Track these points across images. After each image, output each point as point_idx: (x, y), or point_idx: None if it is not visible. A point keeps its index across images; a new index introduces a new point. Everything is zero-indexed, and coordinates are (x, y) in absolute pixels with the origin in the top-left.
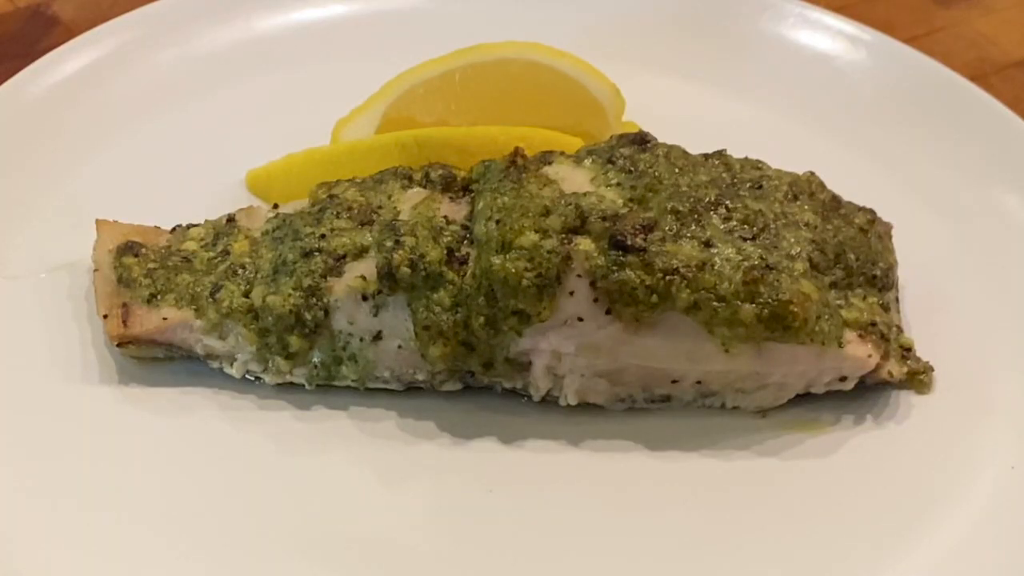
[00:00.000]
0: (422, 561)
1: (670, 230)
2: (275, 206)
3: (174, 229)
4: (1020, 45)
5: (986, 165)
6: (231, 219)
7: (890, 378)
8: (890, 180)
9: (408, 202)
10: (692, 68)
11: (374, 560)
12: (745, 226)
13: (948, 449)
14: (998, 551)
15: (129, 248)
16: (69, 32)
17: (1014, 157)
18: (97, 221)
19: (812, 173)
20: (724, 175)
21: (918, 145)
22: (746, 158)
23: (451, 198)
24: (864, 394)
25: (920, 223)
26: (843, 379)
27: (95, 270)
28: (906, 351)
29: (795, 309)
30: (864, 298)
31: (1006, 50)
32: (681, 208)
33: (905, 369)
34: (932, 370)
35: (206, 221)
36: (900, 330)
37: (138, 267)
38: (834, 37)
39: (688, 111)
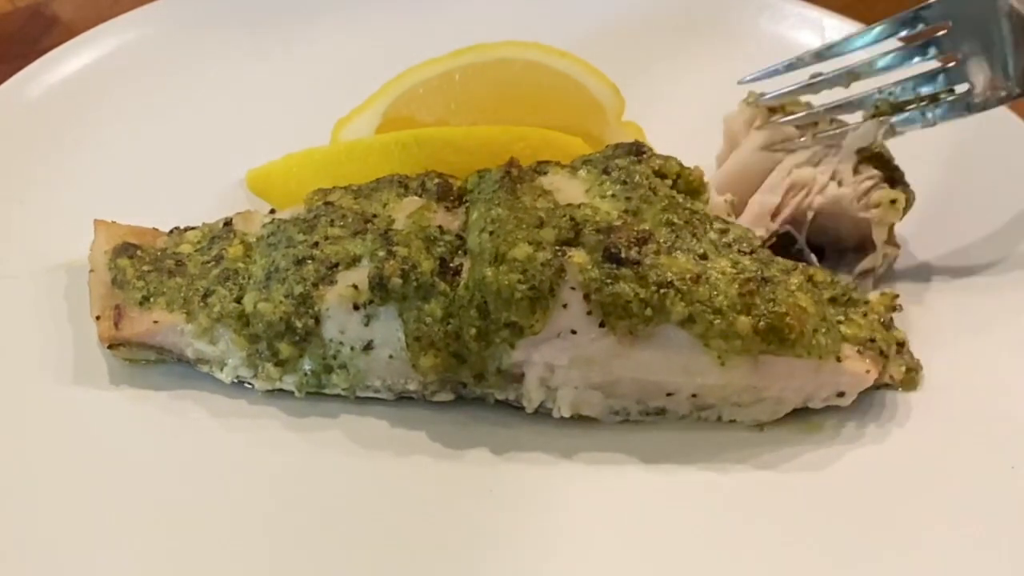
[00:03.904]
0: (413, 570)
1: (665, 242)
2: (271, 211)
3: (172, 231)
4: None
5: (986, 165)
6: (228, 223)
7: (891, 381)
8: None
9: (403, 211)
10: (692, 68)
11: (364, 569)
12: (742, 240)
13: (948, 449)
14: (998, 551)
15: (124, 250)
16: (69, 32)
17: (1014, 157)
18: (95, 222)
19: None
20: None
21: (917, 145)
22: None
23: (447, 207)
24: (864, 397)
25: (919, 222)
26: (841, 395)
27: (91, 271)
28: (899, 345)
29: (791, 321)
30: (864, 315)
31: None
32: (676, 220)
33: (903, 367)
34: (921, 369)
35: (203, 224)
36: (892, 322)
37: (132, 269)
38: (834, 37)
39: (688, 111)
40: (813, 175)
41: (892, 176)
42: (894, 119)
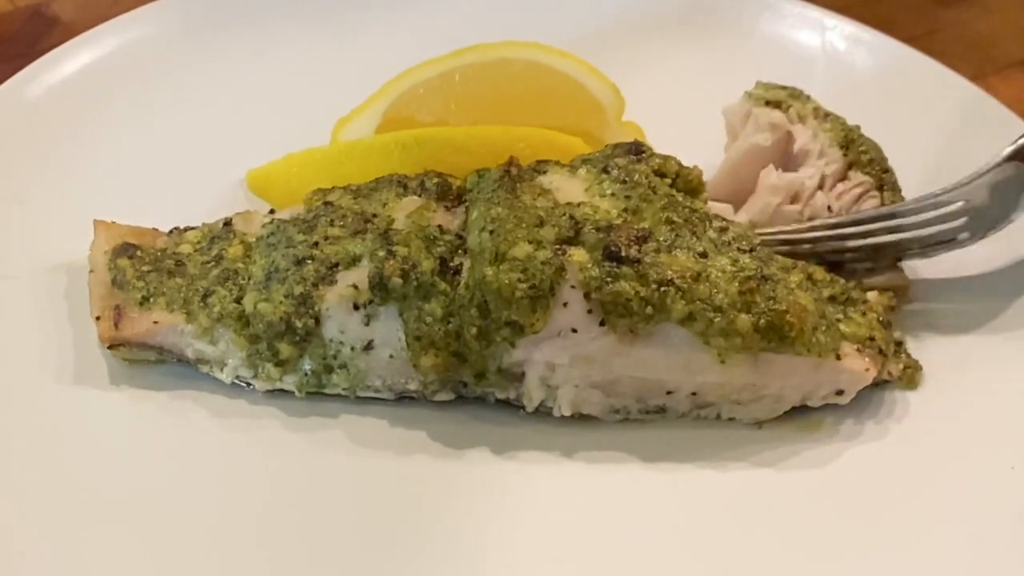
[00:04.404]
0: (413, 570)
1: (665, 241)
2: (271, 211)
3: (172, 231)
4: (1020, 45)
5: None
6: (228, 223)
7: (889, 377)
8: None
9: (403, 210)
10: (692, 68)
11: (365, 568)
12: (742, 239)
13: (948, 450)
14: (998, 551)
15: (124, 250)
16: (69, 32)
17: None
18: (95, 222)
19: None
20: None
21: (918, 145)
22: None
23: (446, 207)
24: (863, 395)
25: None
26: (840, 393)
27: (91, 271)
28: (897, 345)
29: (791, 319)
30: (864, 314)
31: (1006, 50)
32: (676, 219)
33: (901, 365)
34: (920, 368)
35: (203, 224)
36: (889, 324)
37: (132, 269)
38: (834, 37)
39: (688, 111)
40: (801, 181)
41: (882, 180)
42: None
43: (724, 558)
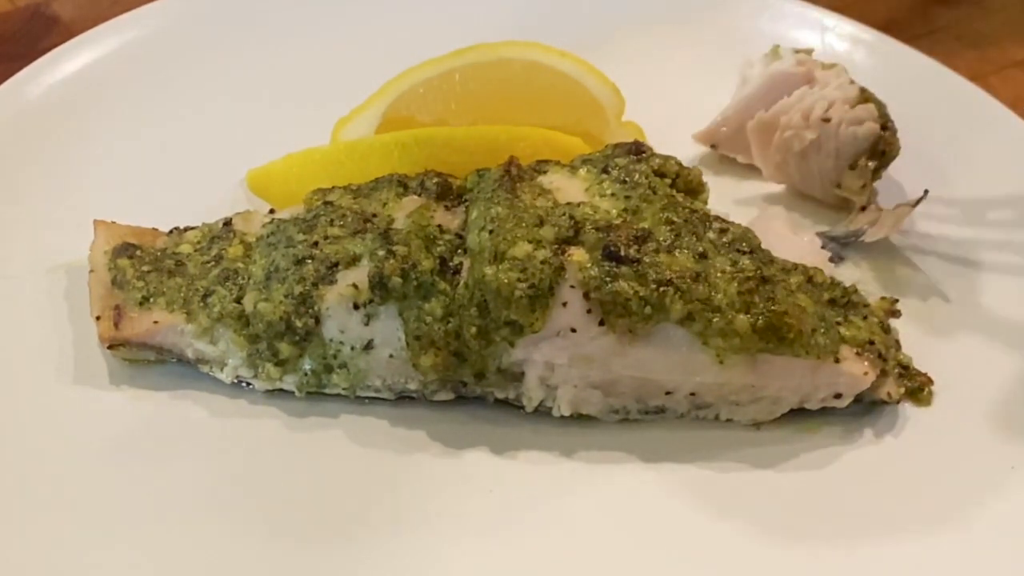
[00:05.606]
0: (413, 569)
1: (664, 241)
2: (271, 211)
3: (172, 231)
4: (1020, 45)
5: (986, 165)
6: (228, 223)
7: (888, 399)
8: (889, 180)
9: (403, 210)
10: (692, 68)
11: (365, 568)
12: (741, 240)
13: (948, 450)
14: (998, 551)
15: (124, 250)
16: (69, 32)
17: (1014, 157)
18: (95, 222)
19: None
20: None
21: (918, 145)
22: None
23: (446, 206)
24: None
25: (918, 223)
26: (838, 396)
27: (91, 271)
28: (903, 368)
29: (790, 320)
30: (864, 318)
31: (1006, 50)
32: (675, 219)
33: (903, 389)
34: (931, 383)
35: (203, 224)
36: (898, 345)
37: (132, 269)
38: (834, 37)
39: (688, 111)
40: (811, 104)
41: (884, 124)
42: None
43: (722, 559)
